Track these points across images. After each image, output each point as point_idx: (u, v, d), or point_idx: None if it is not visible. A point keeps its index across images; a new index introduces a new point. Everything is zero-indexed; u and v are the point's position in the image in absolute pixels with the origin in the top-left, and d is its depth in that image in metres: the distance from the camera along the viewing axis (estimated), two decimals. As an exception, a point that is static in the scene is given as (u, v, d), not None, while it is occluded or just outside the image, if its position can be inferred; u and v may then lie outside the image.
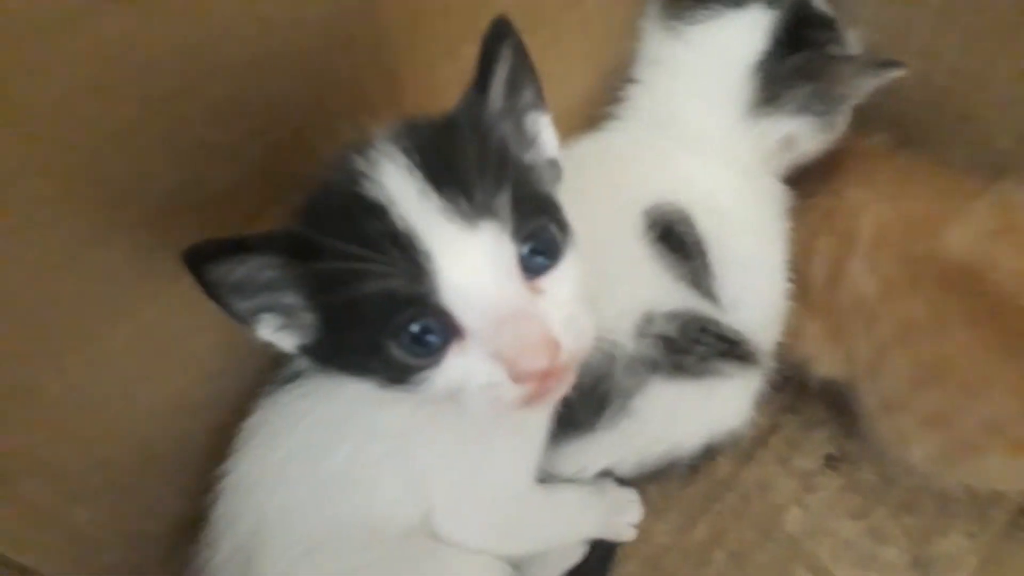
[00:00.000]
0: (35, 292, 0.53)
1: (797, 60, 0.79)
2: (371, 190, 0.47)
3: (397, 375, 0.49)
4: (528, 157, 0.56)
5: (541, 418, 0.66)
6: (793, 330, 0.81)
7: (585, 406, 0.70)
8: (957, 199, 0.76)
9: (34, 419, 0.58)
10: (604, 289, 0.69)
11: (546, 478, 0.74)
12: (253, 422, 0.66)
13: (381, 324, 0.47)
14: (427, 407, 0.58)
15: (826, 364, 0.81)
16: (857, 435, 0.82)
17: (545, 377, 0.47)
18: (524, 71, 0.54)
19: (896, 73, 0.76)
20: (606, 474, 0.80)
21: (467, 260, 0.46)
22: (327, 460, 0.62)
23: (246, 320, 0.49)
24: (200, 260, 0.45)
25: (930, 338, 0.72)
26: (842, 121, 0.83)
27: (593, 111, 0.89)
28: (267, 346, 0.51)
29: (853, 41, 0.83)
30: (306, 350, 0.52)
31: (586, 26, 0.85)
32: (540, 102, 0.56)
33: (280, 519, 0.62)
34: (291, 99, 0.61)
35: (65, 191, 0.52)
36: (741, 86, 0.80)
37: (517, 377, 0.46)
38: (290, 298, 0.49)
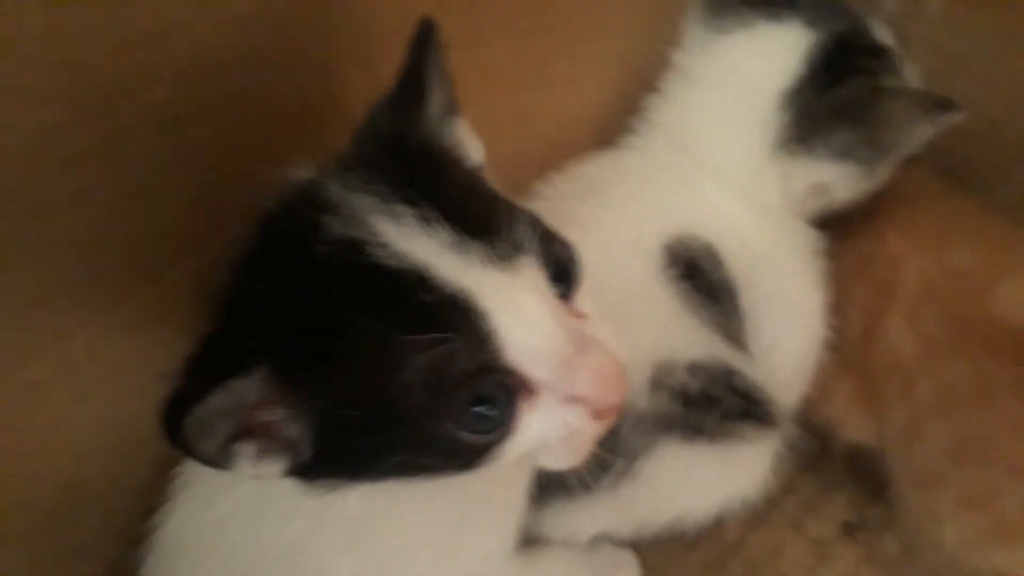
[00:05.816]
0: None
1: (839, 95, 0.70)
2: (390, 256, 0.39)
3: (465, 461, 0.42)
4: None
5: (520, 486, 0.58)
6: (821, 388, 0.75)
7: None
8: (1010, 252, 0.71)
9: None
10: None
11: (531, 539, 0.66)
12: (191, 468, 0.58)
13: (434, 409, 0.40)
14: (387, 488, 0.49)
15: (854, 428, 0.75)
16: (879, 501, 0.76)
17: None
18: (446, 76, 0.48)
19: (954, 118, 0.68)
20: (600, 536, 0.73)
21: (522, 307, 0.40)
22: (273, 534, 0.54)
23: (220, 463, 0.39)
24: (185, 408, 0.34)
25: (974, 409, 0.66)
26: (886, 171, 0.75)
27: (609, 124, 0.81)
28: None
29: (912, 77, 0.75)
30: (300, 471, 0.42)
31: (605, 27, 0.76)
32: (456, 105, 0.49)
33: None
34: (255, 104, 0.53)
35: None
36: (768, 117, 0.72)
37: (600, 414, 0.42)
38: (273, 413, 0.39)
